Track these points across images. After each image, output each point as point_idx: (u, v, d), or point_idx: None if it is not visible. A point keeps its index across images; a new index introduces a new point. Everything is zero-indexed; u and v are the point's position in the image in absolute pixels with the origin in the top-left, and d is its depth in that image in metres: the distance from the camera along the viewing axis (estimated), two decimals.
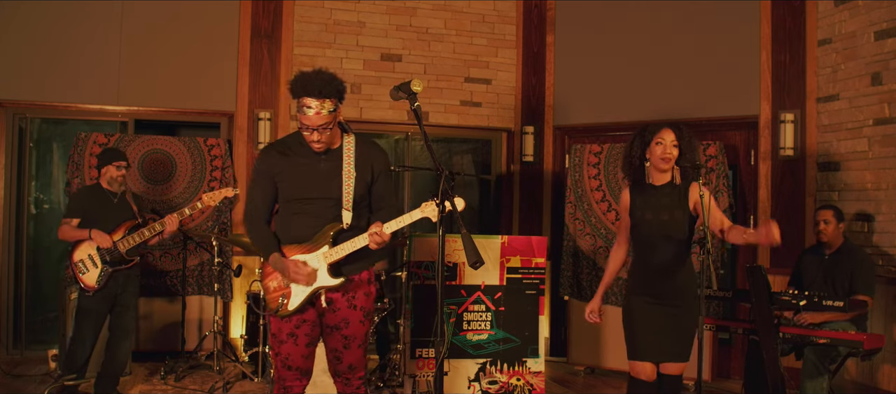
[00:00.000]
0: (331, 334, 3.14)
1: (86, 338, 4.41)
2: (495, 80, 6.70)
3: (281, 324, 3.10)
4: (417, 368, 4.48)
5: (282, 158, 3.06)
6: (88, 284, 4.33)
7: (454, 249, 4.44)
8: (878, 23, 4.94)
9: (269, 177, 3.07)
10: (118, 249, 4.37)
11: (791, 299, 4.11)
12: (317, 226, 3.06)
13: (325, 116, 2.89)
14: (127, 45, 5.90)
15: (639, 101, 6.10)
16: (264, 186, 3.09)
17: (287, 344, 3.10)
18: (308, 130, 2.92)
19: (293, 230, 3.08)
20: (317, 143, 2.97)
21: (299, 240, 3.07)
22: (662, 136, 3.42)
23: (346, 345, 3.14)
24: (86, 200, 4.49)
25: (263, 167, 3.08)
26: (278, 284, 3.11)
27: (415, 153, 6.78)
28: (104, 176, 4.51)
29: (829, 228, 4.55)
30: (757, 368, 4.38)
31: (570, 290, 5.91)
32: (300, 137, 3.03)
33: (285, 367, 3.12)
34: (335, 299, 3.10)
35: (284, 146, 3.10)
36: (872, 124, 4.99)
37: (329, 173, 3.05)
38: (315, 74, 2.88)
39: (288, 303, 3.08)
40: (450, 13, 6.59)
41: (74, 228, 4.39)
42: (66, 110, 5.99)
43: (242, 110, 6.11)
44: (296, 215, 3.07)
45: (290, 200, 3.07)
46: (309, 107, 2.86)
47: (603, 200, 5.82)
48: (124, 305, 4.52)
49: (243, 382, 5.14)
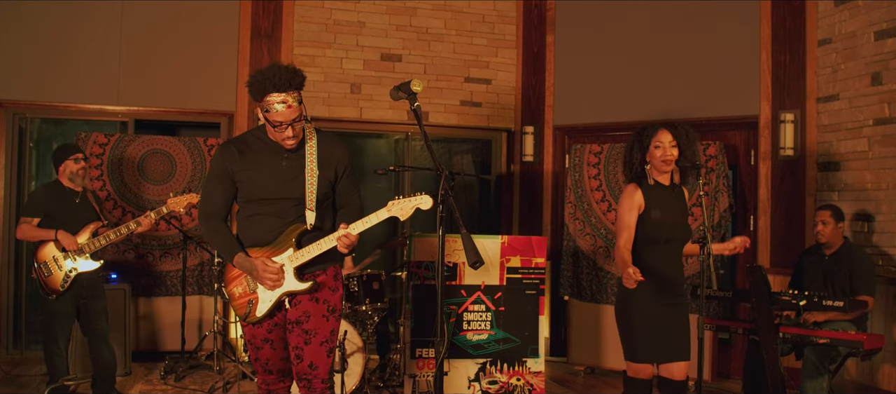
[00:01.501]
0: (292, 330, 2.96)
1: (59, 342, 4.27)
2: (495, 80, 6.70)
3: (254, 330, 2.98)
4: (417, 368, 4.48)
5: (241, 155, 2.89)
6: (53, 286, 4.17)
7: (454, 249, 4.44)
8: (878, 23, 4.94)
9: (227, 175, 2.91)
10: (84, 252, 4.21)
11: (791, 298, 4.11)
12: (279, 227, 2.92)
13: (296, 107, 2.78)
14: (127, 45, 5.90)
15: (639, 101, 6.10)
16: (222, 185, 2.93)
17: (264, 349, 3.01)
18: (282, 126, 2.78)
19: (254, 232, 2.93)
20: (291, 139, 2.83)
21: (261, 242, 2.92)
22: (660, 138, 3.40)
23: (306, 341, 2.93)
24: (47, 199, 4.29)
25: (221, 165, 2.91)
26: (244, 290, 2.98)
27: (415, 153, 6.78)
28: (64, 173, 4.32)
29: (827, 228, 4.54)
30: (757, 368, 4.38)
31: (570, 290, 5.91)
32: (260, 133, 2.93)
33: (266, 371, 3.06)
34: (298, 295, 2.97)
35: (243, 143, 2.94)
36: (872, 124, 4.99)
37: (291, 172, 2.91)
38: (275, 69, 2.76)
39: (255, 309, 2.95)
40: (450, 13, 6.59)
41: (35, 227, 4.21)
42: (66, 110, 5.99)
43: (242, 110, 6.11)
44: (256, 216, 2.93)
45: (251, 200, 2.92)
46: (279, 102, 2.74)
47: (603, 200, 5.82)
48: (93, 310, 4.36)
49: (243, 382, 5.14)
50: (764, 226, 5.59)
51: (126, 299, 5.24)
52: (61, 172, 4.35)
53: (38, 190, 4.52)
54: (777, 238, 5.53)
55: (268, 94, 2.74)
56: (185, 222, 5.76)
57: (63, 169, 4.34)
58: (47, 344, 4.31)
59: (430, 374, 4.46)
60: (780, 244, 5.51)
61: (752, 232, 5.69)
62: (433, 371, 4.01)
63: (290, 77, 2.77)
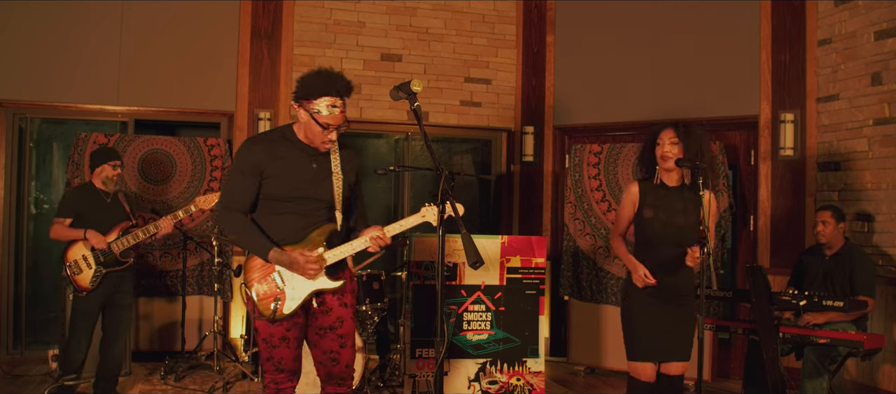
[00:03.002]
0: (324, 336, 3.04)
1: (81, 339, 4.36)
2: (495, 80, 6.70)
3: (271, 329, 2.97)
4: (417, 368, 4.48)
5: (272, 153, 2.93)
6: (82, 284, 4.28)
7: (454, 249, 4.44)
8: (878, 23, 4.94)
9: (257, 171, 2.92)
10: (112, 251, 4.31)
11: (791, 298, 4.11)
12: (306, 227, 2.97)
13: (344, 114, 2.90)
14: (127, 45, 5.90)
15: (639, 101, 6.10)
16: (251, 181, 2.93)
17: (280, 348, 3.00)
18: (330, 129, 2.88)
19: (279, 230, 2.95)
20: (331, 142, 2.93)
21: (288, 241, 2.95)
22: (662, 136, 3.45)
23: (342, 344, 3.06)
24: (78, 200, 4.42)
25: (251, 160, 2.92)
26: (269, 289, 2.97)
27: (415, 153, 6.78)
28: (98, 176, 4.44)
29: (828, 229, 4.53)
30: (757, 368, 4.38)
31: (570, 290, 5.91)
32: (287, 133, 2.98)
33: (278, 370, 3.05)
34: (326, 300, 3.04)
35: (272, 142, 2.97)
36: (872, 124, 4.99)
37: (320, 174, 2.98)
38: (335, 74, 2.87)
39: (282, 307, 2.96)
40: (450, 13, 6.59)
41: (67, 227, 4.33)
42: (66, 110, 5.99)
43: (242, 110, 6.11)
44: (282, 215, 2.96)
45: (279, 199, 2.95)
46: (334, 106, 2.85)
47: (603, 200, 5.82)
48: (118, 305, 4.47)
49: (243, 382, 5.14)
50: (764, 226, 5.59)
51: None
52: (96, 174, 4.45)
53: (71, 191, 4.64)
54: (777, 238, 5.53)
55: (326, 95, 2.85)
56: (185, 222, 5.76)
57: (99, 171, 4.44)
58: (68, 340, 4.39)
59: (431, 374, 4.46)
60: (780, 244, 5.51)
61: (752, 232, 5.69)
62: (433, 371, 4.01)
63: (348, 85, 2.91)
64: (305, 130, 2.93)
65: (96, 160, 4.47)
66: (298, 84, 2.90)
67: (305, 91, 2.87)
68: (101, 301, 4.40)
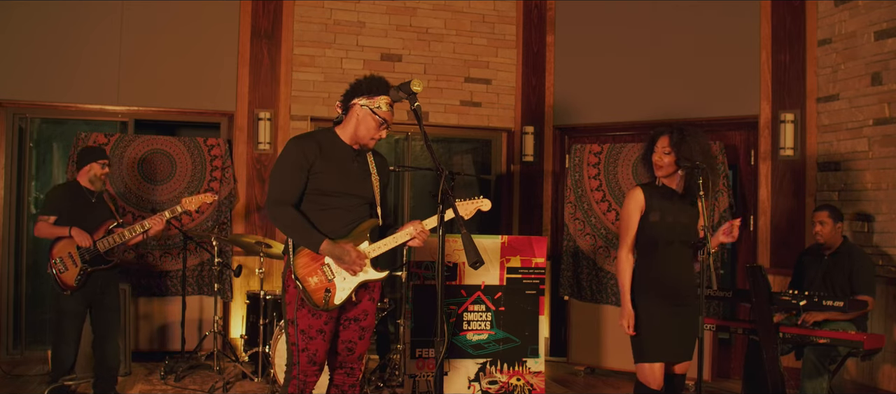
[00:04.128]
0: (348, 326, 3.21)
1: (69, 339, 4.31)
2: (495, 80, 6.70)
3: (312, 321, 3.07)
4: (417, 368, 4.48)
5: (321, 150, 3.11)
6: (67, 282, 4.23)
7: (454, 249, 4.44)
8: (878, 23, 4.94)
9: (305, 167, 3.08)
10: (97, 249, 4.27)
11: (791, 298, 4.11)
12: (351, 222, 3.14)
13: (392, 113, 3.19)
14: (127, 45, 5.90)
15: (639, 101, 6.10)
16: (299, 176, 3.08)
17: (316, 340, 3.08)
18: (383, 125, 3.16)
19: (326, 224, 3.10)
20: (378, 139, 3.20)
21: (333, 234, 3.09)
22: (657, 144, 3.49)
23: (361, 336, 3.24)
24: (63, 198, 4.36)
25: (301, 156, 3.08)
26: (320, 280, 3.08)
27: (415, 153, 6.78)
28: (86, 174, 4.39)
29: (826, 229, 4.53)
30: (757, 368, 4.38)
31: (570, 290, 5.91)
32: (329, 134, 3.20)
33: (310, 363, 3.11)
34: (357, 292, 3.18)
35: (317, 141, 3.15)
36: (872, 124, 4.99)
37: (361, 173, 3.20)
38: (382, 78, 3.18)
39: (333, 297, 3.08)
40: (450, 13, 6.59)
41: (51, 225, 4.29)
42: (66, 110, 5.99)
43: (242, 110, 6.11)
44: (329, 210, 3.11)
45: (327, 193, 3.11)
46: (390, 105, 3.15)
47: (603, 200, 5.82)
48: (106, 306, 4.42)
49: (243, 382, 5.14)
50: (764, 226, 5.59)
51: (126, 299, 5.24)
52: (83, 173, 4.41)
53: (56, 188, 4.58)
54: (777, 238, 5.53)
55: (384, 94, 3.14)
56: (185, 222, 5.76)
57: (87, 170, 4.40)
58: (56, 341, 4.34)
59: (431, 374, 4.46)
60: (780, 244, 5.51)
61: (752, 232, 5.69)
62: (433, 371, 4.01)
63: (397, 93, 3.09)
64: (358, 126, 3.16)
65: (84, 159, 4.43)
66: (357, 84, 3.17)
67: (368, 89, 3.14)
68: (87, 301, 4.35)
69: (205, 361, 5.49)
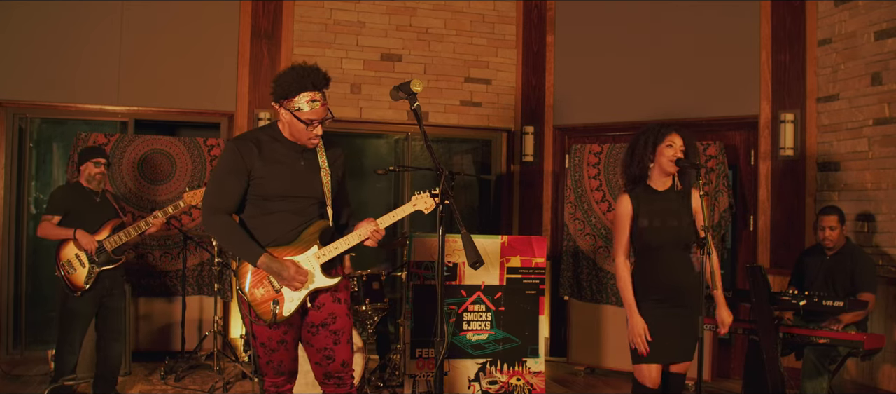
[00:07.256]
0: (317, 333, 2.98)
1: (74, 341, 4.31)
2: (495, 80, 6.71)
3: (270, 332, 2.92)
4: (417, 368, 4.48)
5: (260, 152, 2.86)
6: (77, 283, 4.22)
7: (454, 249, 4.44)
8: (878, 23, 4.94)
9: (244, 171, 2.85)
10: (105, 249, 4.26)
11: (791, 298, 4.11)
12: (299, 225, 2.92)
13: (326, 107, 2.85)
14: (127, 45, 5.90)
15: (639, 101, 6.10)
16: (237, 181, 2.86)
17: (279, 351, 2.95)
18: (314, 124, 2.82)
19: (272, 230, 2.90)
20: (317, 138, 2.88)
21: (281, 241, 2.90)
22: (673, 139, 3.40)
23: (335, 341, 2.99)
24: (67, 198, 4.35)
25: (239, 160, 2.84)
26: (267, 292, 2.90)
27: (415, 153, 6.78)
28: (83, 174, 4.41)
29: (835, 233, 4.52)
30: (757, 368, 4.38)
31: (570, 290, 5.91)
32: (273, 132, 2.93)
33: (278, 373, 3.02)
34: (319, 296, 2.98)
35: (258, 141, 2.89)
36: (872, 124, 4.99)
37: (309, 171, 2.95)
38: (310, 68, 2.81)
39: (281, 310, 2.90)
40: (450, 13, 6.59)
41: (55, 226, 4.27)
42: (66, 110, 5.99)
43: (242, 110, 6.11)
44: (273, 215, 2.90)
45: (270, 198, 2.89)
46: (314, 100, 2.80)
47: (603, 200, 5.82)
48: (112, 307, 4.43)
49: (243, 382, 5.14)
50: (764, 226, 5.59)
51: (126, 299, 5.24)
52: (82, 173, 4.43)
53: (59, 189, 4.58)
54: (777, 238, 5.53)
55: (304, 91, 2.79)
56: (185, 222, 5.76)
57: (84, 169, 4.42)
58: (61, 341, 4.33)
59: (431, 374, 4.46)
60: (780, 244, 5.51)
61: (752, 232, 5.69)
62: (433, 371, 4.01)
63: (325, 77, 2.85)
64: (289, 128, 2.88)
65: (82, 158, 4.45)
66: (275, 85, 2.84)
67: (283, 90, 2.81)
68: (96, 302, 4.35)
69: (205, 361, 5.49)
